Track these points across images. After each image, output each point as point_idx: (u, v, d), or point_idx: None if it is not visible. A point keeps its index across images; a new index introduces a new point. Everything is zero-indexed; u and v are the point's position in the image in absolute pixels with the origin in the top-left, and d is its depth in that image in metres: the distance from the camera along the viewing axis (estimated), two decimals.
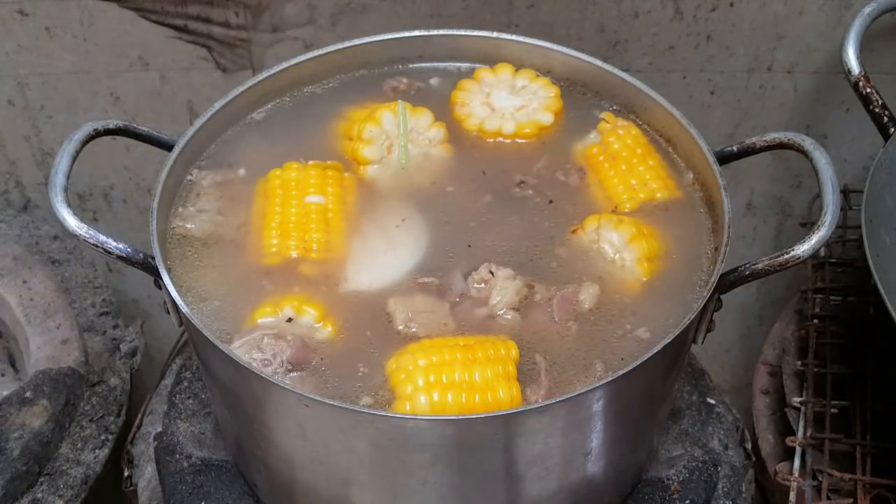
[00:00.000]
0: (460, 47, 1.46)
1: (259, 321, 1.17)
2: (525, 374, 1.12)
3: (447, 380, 1.08)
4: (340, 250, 1.25)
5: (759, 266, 1.15)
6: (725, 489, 1.39)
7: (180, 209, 1.29)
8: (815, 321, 1.59)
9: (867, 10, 1.55)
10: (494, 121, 1.39)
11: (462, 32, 1.46)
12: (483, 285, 1.20)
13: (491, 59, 1.45)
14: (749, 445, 1.47)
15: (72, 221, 1.15)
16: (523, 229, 1.27)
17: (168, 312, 1.22)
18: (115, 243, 1.17)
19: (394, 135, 1.35)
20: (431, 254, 1.25)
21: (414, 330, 1.16)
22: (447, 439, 1.09)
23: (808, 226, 1.66)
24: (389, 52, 1.46)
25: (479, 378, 1.09)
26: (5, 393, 1.51)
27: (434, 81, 1.46)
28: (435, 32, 1.46)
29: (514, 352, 1.12)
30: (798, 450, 1.42)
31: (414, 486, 1.13)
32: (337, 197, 1.29)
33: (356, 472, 1.15)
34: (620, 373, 1.07)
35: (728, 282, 1.17)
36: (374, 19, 1.68)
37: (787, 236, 1.97)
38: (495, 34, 1.45)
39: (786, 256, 1.13)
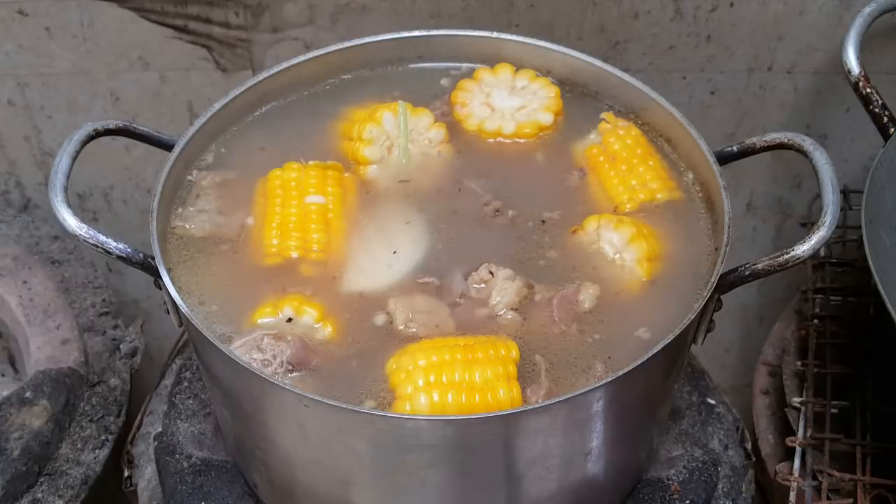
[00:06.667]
0: (460, 47, 1.46)
1: (259, 321, 1.17)
2: (525, 375, 1.12)
3: (447, 380, 1.08)
4: (340, 250, 1.25)
5: (759, 266, 1.15)
6: (725, 489, 1.39)
7: (180, 209, 1.29)
8: (815, 321, 1.59)
9: (867, 10, 1.55)
10: (494, 121, 1.39)
11: (462, 32, 1.46)
12: (483, 285, 1.20)
13: (491, 59, 1.45)
14: (749, 445, 1.47)
15: (72, 221, 1.15)
16: (523, 229, 1.27)
17: (168, 313, 1.22)
18: (115, 243, 1.17)
19: (394, 135, 1.35)
20: (431, 254, 1.25)
21: (414, 330, 1.16)
22: (447, 439, 1.09)
23: (808, 226, 1.66)
24: (389, 52, 1.46)
25: (480, 378, 1.09)
26: (5, 393, 1.51)
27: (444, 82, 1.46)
28: (435, 32, 1.46)
29: (515, 352, 1.12)
30: (798, 450, 1.42)
31: (414, 486, 1.13)
32: (337, 197, 1.29)
33: (356, 472, 1.15)
34: (620, 373, 1.07)
35: (728, 282, 1.17)
36: (374, 19, 1.68)
37: (787, 236, 1.96)
38: (495, 34, 1.45)
39: (786, 256, 1.13)
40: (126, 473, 1.45)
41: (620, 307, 1.20)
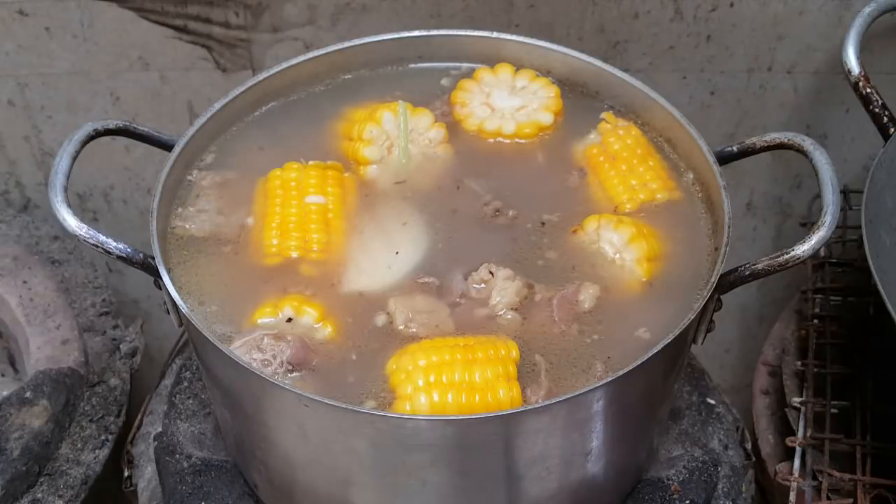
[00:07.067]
0: (460, 47, 1.46)
1: (259, 321, 1.17)
2: (525, 375, 1.12)
3: (447, 380, 1.08)
4: (341, 250, 1.25)
5: (759, 266, 1.15)
6: (725, 489, 1.39)
7: (180, 209, 1.29)
8: (815, 321, 1.59)
9: (867, 10, 1.55)
10: (494, 121, 1.39)
11: (462, 32, 1.46)
12: (483, 285, 1.20)
13: (491, 59, 1.45)
14: (749, 445, 1.47)
15: (72, 221, 1.15)
16: (523, 229, 1.27)
17: (168, 313, 1.22)
18: (115, 243, 1.17)
19: (394, 135, 1.35)
20: (431, 254, 1.25)
21: (414, 330, 1.16)
22: (447, 439, 1.09)
23: (808, 226, 1.66)
24: (389, 52, 1.46)
25: (480, 378, 1.09)
26: (5, 393, 1.51)
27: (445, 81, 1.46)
28: (435, 32, 1.46)
29: (515, 352, 1.12)
30: (798, 450, 1.42)
31: (414, 486, 1.13)
32: (337, 197, 1.29)
33: (356, 472, 1.16)
34: (620, 373, 1.07)
35: (728, 282, 1.17)
36: (374, 19, 1.68)
37: (787, 236, 1.96)
38: (495, 34, 1.45)
39: (786, 256, 1.13)
40: (126, 473, 1.45)
41: (620, 307, 1.20)
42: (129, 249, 1.18)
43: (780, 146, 1.26)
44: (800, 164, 1.48)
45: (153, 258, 1.17)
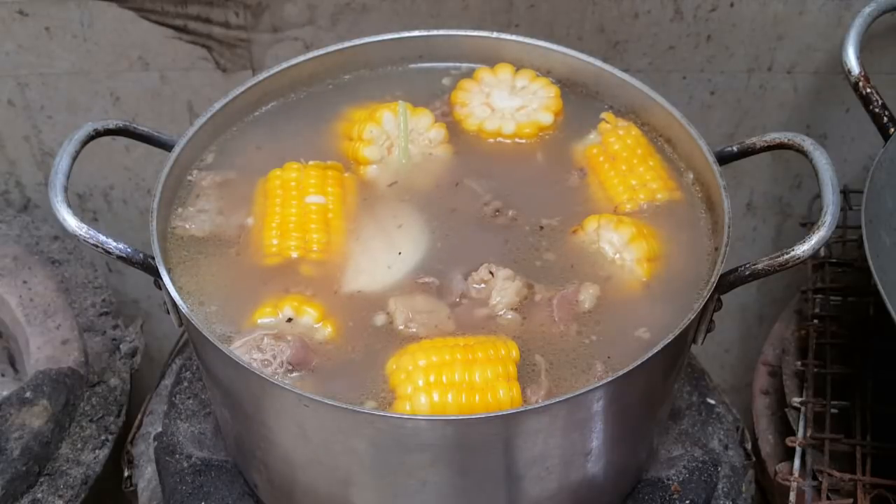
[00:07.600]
0: (460, 47, 1.46)
1: (259, 321, 1.17)
2: (525, 375, 1.12)
3: (447, 380, 1.08)
4: (341, 251, 1.25)
5: (759, 266, 1.15)
6: (725, 489, 1.39)
7: (180, 209, 1.29)
8: (815, 321, 1.59)
9: (867, 10, 1.55)
10: (494, 121, 1.39)
11: (462, 32, 1.46)
12: (483, 285, 1.20)
13: (491, 59, 1.45)
14: (749, 445, 1.47)
15: (72, 221, 1.15)
16: (524, 229, 1.27)
17: (168, 313, 1.22)
18: (115, 243, 1.17)
19: (394, 135, 1.35)
20: (431, 254, 1.25)
21: (414, 330, 1.16)
22: (447, 439, 1.09)
23: (808, 226, 1.66)
24: (389, 52, 1.46)
25: (480, 378, 1.09)
26: (5, 393, 1.51)
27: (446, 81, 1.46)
28: (435, 32, 1.46)
29: (515, 352, 1.12)
30: (798, 450, 1.42)
31: (414, 486, 1.13)
32: (337, 197, 1.29)
33: (356, 472, 1.16)
34: (620, 373, 1.07)
35: (728, 282, 1.17)
36: (374, 19, 1.69)
37: (787, 236, 1.97)
38: (495, 34, 1.45)
39: (786, 256, 1.13)
40: (126, 473, 1.45)
41: (620, 307, 1.20)
42: (129, 249, 1.18)
43: (780, 146, 1.26)
44: (800, 164, 1.48)
45: (153, 258, 1.17)
